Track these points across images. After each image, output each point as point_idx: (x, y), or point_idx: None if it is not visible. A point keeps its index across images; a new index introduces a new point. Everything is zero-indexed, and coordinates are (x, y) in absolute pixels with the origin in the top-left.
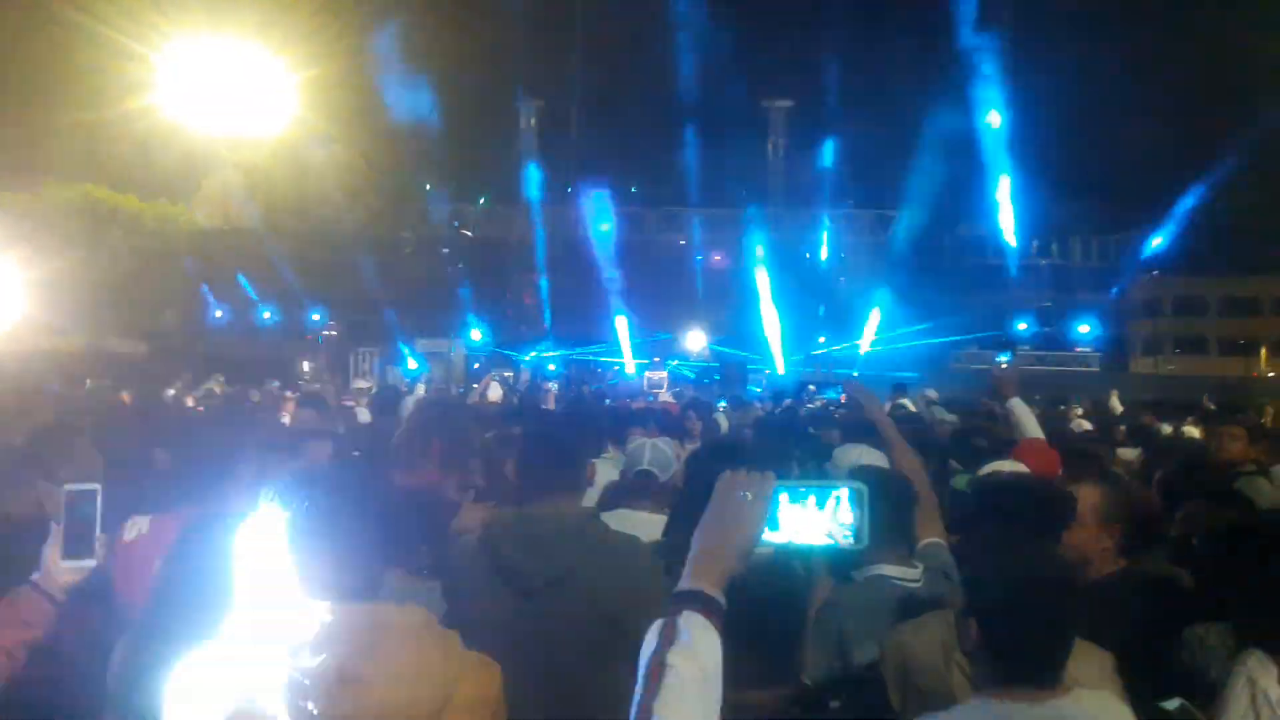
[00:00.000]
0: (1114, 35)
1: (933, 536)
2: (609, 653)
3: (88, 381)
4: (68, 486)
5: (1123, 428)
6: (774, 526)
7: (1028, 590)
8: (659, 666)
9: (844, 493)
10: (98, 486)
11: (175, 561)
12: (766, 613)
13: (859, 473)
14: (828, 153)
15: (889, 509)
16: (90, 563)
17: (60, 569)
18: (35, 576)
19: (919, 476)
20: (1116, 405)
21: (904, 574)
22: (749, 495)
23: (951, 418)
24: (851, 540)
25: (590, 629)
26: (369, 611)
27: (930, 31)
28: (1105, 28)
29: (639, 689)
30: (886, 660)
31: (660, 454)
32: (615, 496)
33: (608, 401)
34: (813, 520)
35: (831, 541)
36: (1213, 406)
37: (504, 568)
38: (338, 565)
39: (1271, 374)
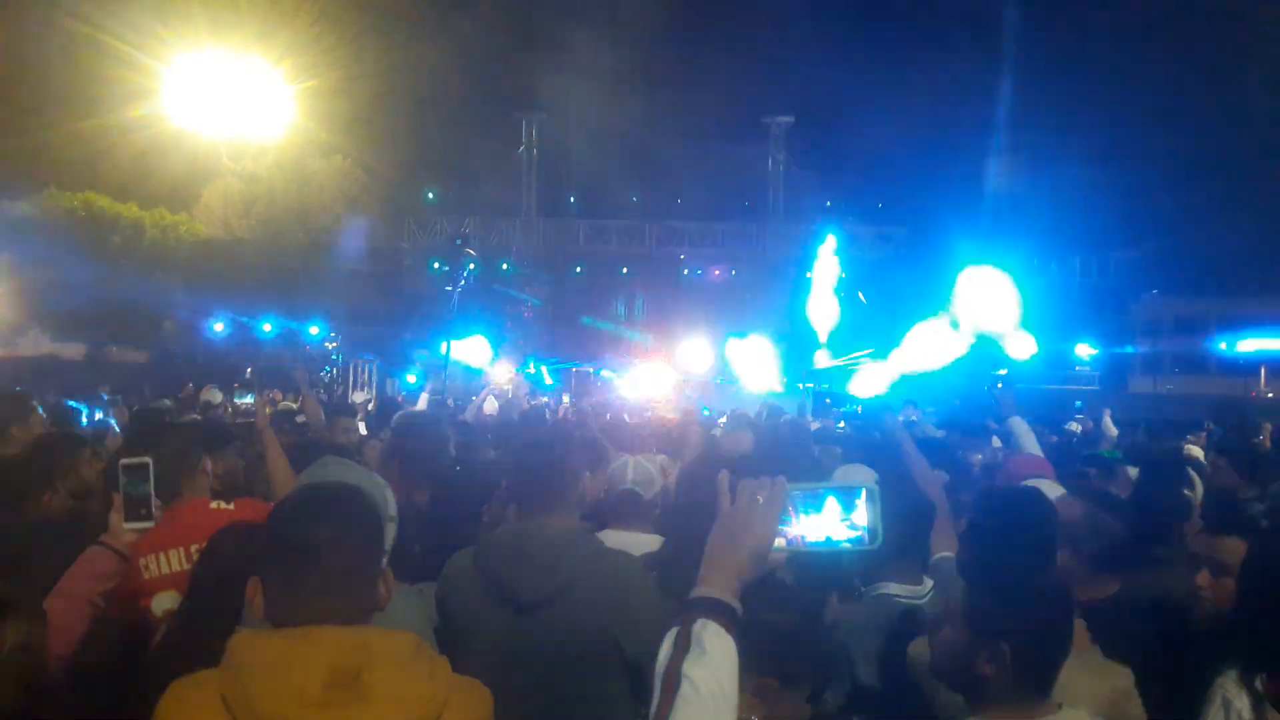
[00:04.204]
0: (1118, 53)
1: (945, 551)
2: (601, 668)
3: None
4: (123, 461)
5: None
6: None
7: (1027, 605)
8: (674, 677)
9: (858, 494)
10: (149, 460)
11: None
12: (783, 621)
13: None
14: (828, 169)
15: (901, 526)
16: (148, 525)
17: (123, 530)
18: (104, 537)
19: (936, 492)
20: (1110, 425)
21: (910, 592)
22: (761, 499)
23: (939, 434)
24: (865, 541)
25: (583, 645)
26: (357, 635)
27: (933, 47)
28: (1111, 46)
29: (654, 700)
30: (910, 671)
31: (643, 472)
32: (600, 516)
33: (609, 417)
34: (827, 523)
35: (846, 543)
36: (1214, 427)
37: (497, 583)
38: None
39: (1270, 394)
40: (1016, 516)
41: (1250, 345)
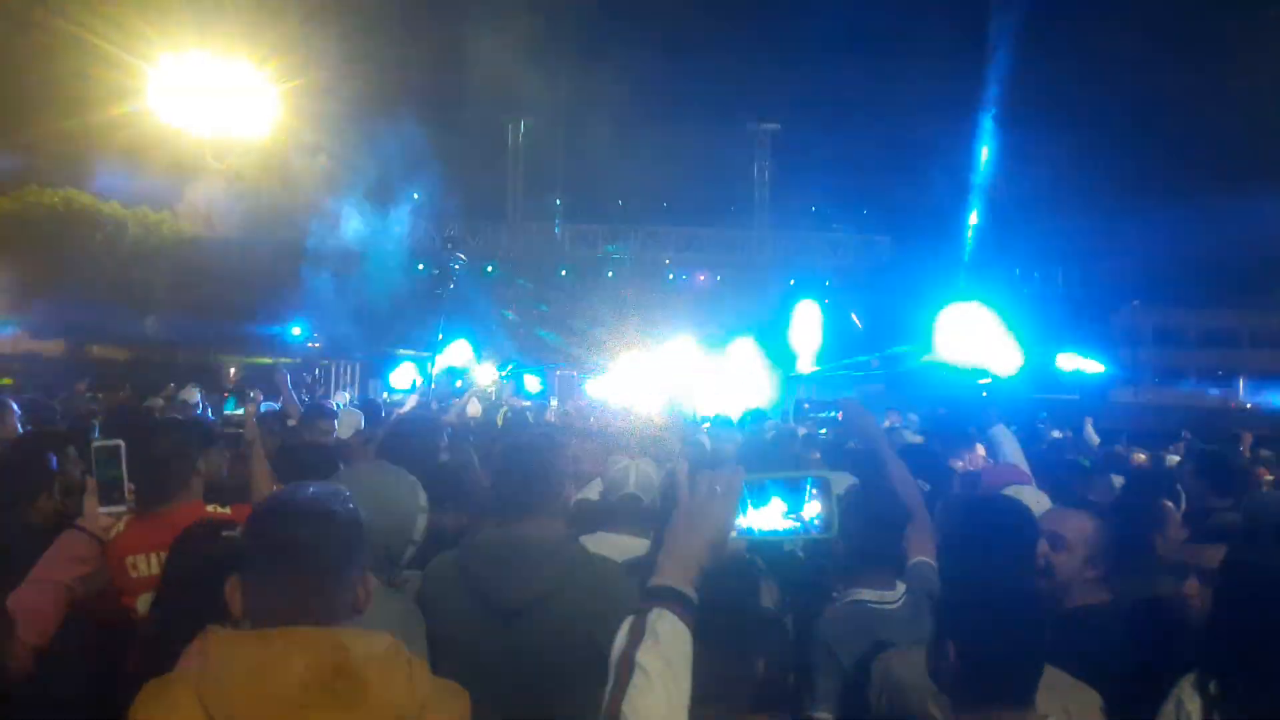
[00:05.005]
0: (1102, 64)
1: (922, 555)
2: (584, 675)
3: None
4: (96, 444)
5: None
6: (745, 514)
7: (1003, 612)
8: (627, 665)
9: (810, 484)
10: (121, 442)
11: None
12: (723, 612)
13: (848, 495)
14: (814, 176)
15: (872, 531)
16: (121, 509)
17: (99, 514)
18: (79, 521)
19: (913, 496)
20: (1091, 434)
21: (881, 598)
22: (718, 489)
23: (918, 438)
24: (819, 530)
25: (566, 651)
26: (335, 637)
27: (918, 55)
28: (1094, 58)
29: (608, 687)
30: (873, 686)
31: (645, 477)
32: (596, 519)
33: (593, 420)
34: (782, 512)
35: (793, 532)
36: (1190, 437)
37: (479, 588)
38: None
39: (1249, 405)
40: (990, 525)
41: (1226, 355)
